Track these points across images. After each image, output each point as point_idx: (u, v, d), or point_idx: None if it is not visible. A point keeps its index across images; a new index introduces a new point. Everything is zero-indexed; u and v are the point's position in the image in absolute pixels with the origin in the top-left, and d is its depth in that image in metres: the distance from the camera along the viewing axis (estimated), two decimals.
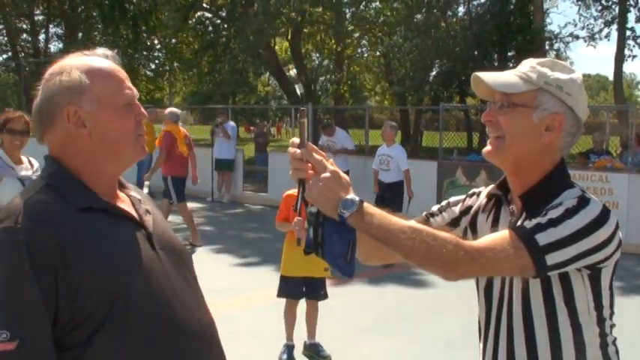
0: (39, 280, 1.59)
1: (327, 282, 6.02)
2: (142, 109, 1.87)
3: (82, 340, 1.64)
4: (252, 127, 45.08)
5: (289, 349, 5.89)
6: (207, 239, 10.80)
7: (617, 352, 1.97)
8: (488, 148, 1.95)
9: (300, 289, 5.85)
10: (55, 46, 36.92)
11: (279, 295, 5.90)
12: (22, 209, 1.65)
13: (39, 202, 1.69)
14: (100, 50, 1.89)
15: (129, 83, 1.86)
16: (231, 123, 16.57)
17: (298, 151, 1.74)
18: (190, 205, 14.92)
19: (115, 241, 1.74)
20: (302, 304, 5.95)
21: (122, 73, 1.86)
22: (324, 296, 5.92)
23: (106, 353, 1.65)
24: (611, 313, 1.94)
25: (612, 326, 1.96)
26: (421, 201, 11.92)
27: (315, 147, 1.75)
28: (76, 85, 1.76)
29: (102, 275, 1.65)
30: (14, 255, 1.59)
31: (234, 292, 7.91)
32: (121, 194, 1.91)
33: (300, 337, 5.98)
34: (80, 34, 32.16)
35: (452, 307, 7.39)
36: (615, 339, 1.98)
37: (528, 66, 1.93)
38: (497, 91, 1.91)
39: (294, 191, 5.68)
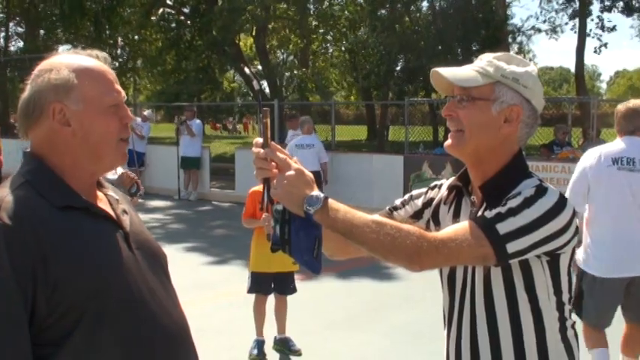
0: (17, 277, 1.59)
1: (297, 277, 6.04)
2: (129, 112, 1.88)
3: (58, 337, 1.65)
4: (218, 125, 44.87)
5: (259, 344, 5.90)
6: (175, 237, 10.75)
7: (575, 335, 2.04)
8: (449, 141, 2.01)
9: (270, 285, 5.87)
10: (15, 45, 36.36)
11: (250, 291, 5.91)
12: (1, 206, 1.65)
13: (18, 200, 1.68)
14: (93, 51, 1.89)
15: (117, 86, 1.87)
16: (197, 120, 16.49)
17: (262, 150, 1.76)
18: (157, 203, 14.88)
19: (93, 240, 1.74)
20: (271, 300, 5.97)
21: (111, 75, 1.87)
22: (293, 290, 5.95)
23: (82, 351, 1.66)
24: (570, 298, 2.01)
25: (571, 310, 2.02)
26: (388, 195, 12.00)
27: (278, 146, 1.78)
28: (64, 84, 1.77)
29: (80, 274, 1.66)
30: None
31: (203, 290, 7.89)
32: (99, 193, 1.92)
33: (271, 332, 6.00)
34: (42, 32, 31.71)
35: (419, 300, 7.46)
36: (574, 323, 2.05)
37: (485, 60, 1.98)
38: (457, 86, 1.97)
39: (259, 187, 5.69)
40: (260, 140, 1.78)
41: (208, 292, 7.88)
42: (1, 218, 1.62)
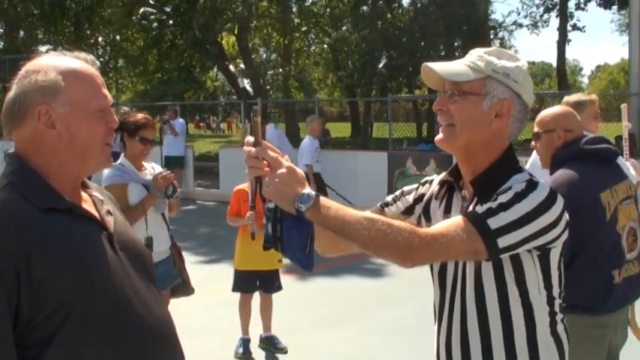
0: (1, 279, 1.58)
1: (283, 274, 6.04)
2: (114, 117, 1.87)
3: (43, 338, 1.64)
4: (201, 124, 44.75)
5: (245, 342, 5.90)
6: None
7: (565, 329, 2.05)
8: (440, 135, 2.01)
9: (255, 283, 5.86)
10: None
11: (234, 289, 5.91)
12: None
13: (2, 202, 1.67)
14: (81, 54, 1.88)
15: (104, 90, 1.86)
16: (180, 120, 16.43)
17: (253, 149, 1.76)
18: None
19: (77, 241, 1.73)
20: (257, 298, 5.96)
21: (99, 79, 1.86)
22: (279, 288, 5.95)
23: (67, 352, 1.65)
24: (560, 292, 2.01)
25: (562, 305, 2.03)
26: (372, 191, 12.02)
27: (269, 144, 1.78)
28: (51, 86, 1.76)
29: (64, 276, 1.66)
30: None
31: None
32: (84, 194, 1.91)
33: (257, 330, 5.99)
34: (22, 33, 31.45)
35: (407, 296, 7.48)
36: (564, 317, 2.05)
37: (476, 55, 1.99)
38: (448, 80, 1.97)
39: (244, 186, 5.70)
40: (251, 139, 1.77)
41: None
42: None
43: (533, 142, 3.67)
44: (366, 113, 28.50)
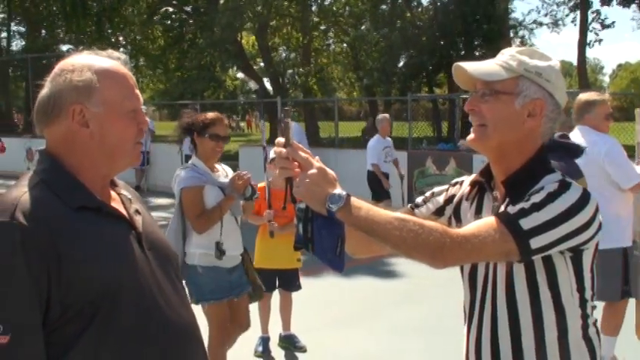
0: (32, 277, 1.60)
1: (302, 273, 6.05)
2: (145, 118, 1.88)
3: (70, 336, 1.65)
4: None
5: (264, 341, 5.91)
6: None
7: (597, 332, 2.02)
8: (471, 136, 1.99)
9: (274, 281, 5.87)
10: (17, 44, 36.42)
11: None
12: (18, 205, 1.65)
13: (34, 199, 1.68)
14: (114, 53, 1.89)
15: (137, 90, 1.87)
16: None
17: (284, 150, 1.76)
18: (161, 201, 14.87)
19: (106, 240, 1.75)
20: (276, 296, 5.97)
21: (132, 80, 1.87)
22: (298, 287, 5.95)
23: (93, 350, 1.66)
24: (592, 295, 1.98)
25: (593, 307, 2.00)
26: (392, 191, 11.99)
27: (300, 145, 1.77)
28: (86, 85, 1.76)
29: (93, 274, 1.67)
30: (9, 251, 1.59)
31: None
32: (112, 193, 1.92)
33: (276, 329, 6.00)
34: (43, 32, 31.74)
35: (426, 296, 7.47)
36: (596, 320, 2.03)
37: (508, 54, 1.97)
38: (479, 80, 1.95)
39: (262, 184, 5.69)
40: (282, 140, 1.77)
41: None
42: (17, 218, 1.62)
43: None
44: (385, 112, 28.41)
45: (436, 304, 7.04)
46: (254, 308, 5.92)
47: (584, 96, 5.21)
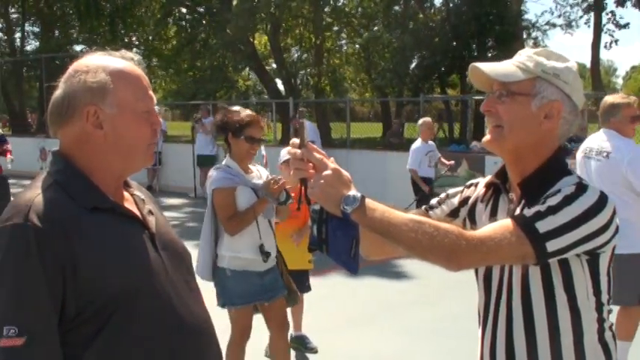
0: (47, 278, 1.60)
1: (313, 274, 6.04)
2: (159, 118, 1.88)
3: (86, 337, 1.66)
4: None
5: None
6: (191, 235, 10.75)
7: (613, 336, 2.00)
8: (487, 137, 1.98)
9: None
10: (31, 45, 36.63)
11: None
12: (32, 206, 1.65)
13: (48, 201, 1.68)
14: (128, 53, 1.89)
15: (150, 91, 1.87)
16: (211, 118, 16.51)
17: (299, 151, 1.75)
18: (173, 201, 14.92)
19: (121, 241, 1.75)
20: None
21: (146, 80, 1.86)
22: (308, 288, 5.93)
23: (109, 350, 1.67)
24: (609, 299, 1.96)
25: (609, 311, 1.98)
26: (403, 192, 11.96)
27: (315, 146, 1.77)
28: (100, 87, 1.76)
29: (108, 274, 1.67)
30: (24, 252, 1.60)
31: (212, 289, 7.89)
32: (126, 194, 1.92)
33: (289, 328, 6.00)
34: (57, 32, 31.90)
35: (435, 298, 7.45)
36: (612, 324, 2.01)
37: (525, 55, 1.95)
38: (496, 81, 1.94)
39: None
40: (296, 141, 1.77)
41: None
42: (32, 219, 1.62)
43: None
44: (397, 113, 28.37)
45: (449, 305, 7.01)
46: None
47: (609, 98, 5.19)
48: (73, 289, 1.63)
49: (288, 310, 5.95)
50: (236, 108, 4.61)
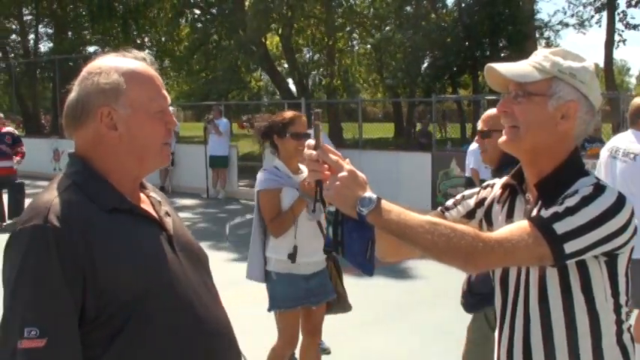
0: (67, 279, 1.60)
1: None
2: (173, 118, 1.88)
3: (105, 338, 1.66)
4: (245, 124, 44.79)
5: None
6: (204, 235, 10.79)
7: (632, 338, 1.98)
8: (503, 138, 1.96)
9: None
10: (44, 46, 36.84)
11: None
12: (51, 208, 1.65)
13: (67, 202, 1.69)
14: (140, 53, 1.89)
15: (164, 91, 1.87)
16: (224, 119, 16.54)
17: (314, 152, 1.75)
18: (186, 201, 14.96)
19: (139, 242, 1.75)
20: None
21: (159, 80, 1.87)
22: None
23: (128, 352, 1.67)
24: (627, 300, 1.94)
25: (628, 313, 1.96)
26: (415, 193, 11.96)
27: (330, 148, 1.76)
28: (113, 88, 1.76)
29: (127, 276, 1.67)
30: (44, 253, 1.60)
31: (230, 288, 7.90)
32: (142, 195, 1.92)
33: None
34: (70, 34, 32.06)
35: (448, 299, 7.40)
36: (630, 326, 1.99)
37: (541, 55, 1.94)
38: (512, 81, 1.92)
39: None
40: (312, 142, 1.76)
41: (234, 290, 7.90)
42: (51, 221, 1.63)
43: (477, 139, 3.64)
44: (409, 114, 28.34)
45: (459, 306, 6.97)
46: None
47: (638, 100, 5.17)
48: (93, 290, 1.63)
49: None
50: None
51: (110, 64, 1.81)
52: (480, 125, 3.66)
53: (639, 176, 4.81)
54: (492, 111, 3.61)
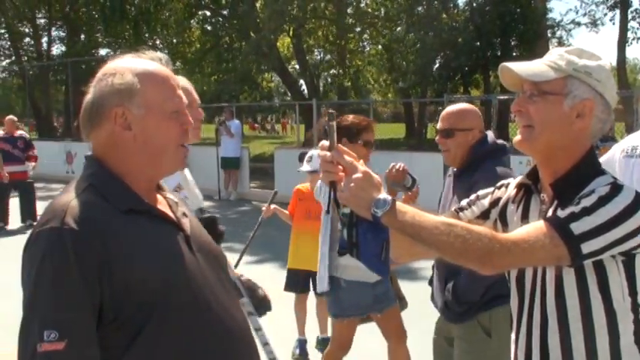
0: (85, 281, 1.60)
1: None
2: (189, 118, 1.87)
3: (124, 340, 1.66)
4: (256, 125, 44.92)
5: (301, 343, 5.91)
6: None
7: None
8: (518, 137, 1.95)
9: (305, 282, 5.86)
10: (57, 49, 37.04)
11: (285, 288, 5.93)
12: (68, 210, 1.65)
13: (84, 204, 1.68)
14: (155, 54, 1.89)
15: (179, 91, 1.86)
16: (236, 121, 16.55)
17: (328, 154, 1.74)
18: None
19: (157, 243, 1.75)
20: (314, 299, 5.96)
21: (174, 80, 1.86)
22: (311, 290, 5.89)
23: (147, 354, 1.67)
24: None
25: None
26: (428, 193, 11.91)
27: (345, 149, 1.76)
28: (127, 88, 1.76)
29: (145, 277, 1.67)
30: (62, 256, 1.60)
31: None
32: (159, 196, 1.92)
33: (315, 331, 6.00)
34: (82, 36, 32.22)
35: None
36: None
37: (556, 54, 1.93)
38: (527, 81, 1.91)
39: (302, 186, 5.68)
40: (326, 143, 1.75)
41: None
42: (68, 223, 1.63)
43: (438, 139, 3.57)
44: (420, 114, 28.30)
45: None
46: (290, 310, 5.94)
47: None
48: (111, 292, 1.63)
49: (314, 312, 5.96)
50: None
51: (125, 65, 1.81)
52: (440, 124, 3.56)
53: None
54: (453, 108, 3.57)
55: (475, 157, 3.46)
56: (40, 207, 11.09)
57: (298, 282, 5.86)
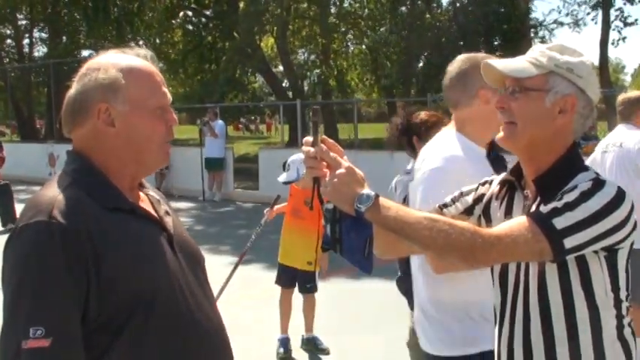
0: (72, 277, 1.58)
1: (327, 274, 6.03)
2: (174, 115, 1.85)
3: (106, 340, 1.64)
4: (240, 125, 44.74)
5: (284, 341, 5.88)
6: (200, 238, 10.77)
7: (632, 333, 1.97)
8: (501, 134, 1.96)
9: (292, 279, 5.89)
10: (39, 51, 36.78)
11: (277, 281, 5.96)
12: (55, 204, 1.63)
13: (70, 199, 1.66)
14: (141, 51, 1.87)
15: (164, 88, 1.84)
16: (220, 121, 16.51)
17: (312, 149, 1.74)
18: (181, 204, 14.92)
19: (141, 242, 1.74)
20: (300, 298, 5.96)
21: (159, 77, 1.84)
22: (310, 290, 5.90)
23: (128, 352, 1.65)
24: (627, 295, 1.94)
25: (628, 308, 1.95)
26: None
27: (331, 142, 1.76)
28: (111, 84, 1.75)
29: (129, 275, 1.66)
30: (49, 250, 1.58)
31: (228, 290, 7.89)
32: (141, 194, 1.90)
33: (299, 330, 6.00)
34: (64, 38, 32.01)
35: None
36: (631, 321, 1.97)
37: (538, 51, 1.94)
38: (509, 77, 1.92)
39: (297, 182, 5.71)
40: (310, 139, 1.75)
41: (233, 292, 7.89)
42: (56, 217, 1.61)
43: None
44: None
45: None
46: (274, 310, 5.93)
47: (632, 94, 5.45)
48: (96, 290, 1.61)
49: (300, 312, 5.96)
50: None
51: (109, 61, 1.80)
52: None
53: (624, 160, 4.97)
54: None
55: None
56: (21, 209, 10.95)
57: (284, 276, 5.88)
